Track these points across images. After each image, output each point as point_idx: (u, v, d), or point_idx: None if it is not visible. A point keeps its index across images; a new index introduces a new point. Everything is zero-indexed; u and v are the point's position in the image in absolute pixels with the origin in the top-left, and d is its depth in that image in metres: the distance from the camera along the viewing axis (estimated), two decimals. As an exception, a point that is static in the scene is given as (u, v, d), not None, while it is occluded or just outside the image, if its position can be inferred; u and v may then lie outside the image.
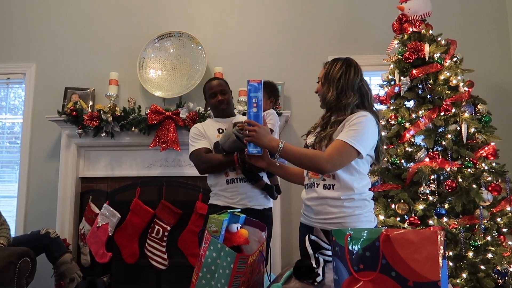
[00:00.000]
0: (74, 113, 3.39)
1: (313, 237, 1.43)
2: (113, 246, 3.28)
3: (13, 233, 3.49)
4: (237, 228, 1.47)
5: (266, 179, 2.24)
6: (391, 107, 2.92)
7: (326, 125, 1.72)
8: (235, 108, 2.95)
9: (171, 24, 3.79)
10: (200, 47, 3.64)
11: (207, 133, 2.30)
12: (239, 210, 1.63)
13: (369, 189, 1.74)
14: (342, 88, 1.69)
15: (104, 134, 3.38)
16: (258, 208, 2.19)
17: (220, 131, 2.29)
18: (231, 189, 2.20)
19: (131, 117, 3.37)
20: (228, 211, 1.51)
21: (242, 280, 1.34)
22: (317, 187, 1.68)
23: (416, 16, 2.98)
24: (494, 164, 2.64)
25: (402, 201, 2.62)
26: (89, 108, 3.56)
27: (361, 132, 1.59)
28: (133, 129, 3.37)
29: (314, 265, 1.33)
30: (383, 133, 2.93)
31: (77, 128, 3.40)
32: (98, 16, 3.88)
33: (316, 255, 1.37)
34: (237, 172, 2.19)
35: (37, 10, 3.93)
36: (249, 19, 3.81)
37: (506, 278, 2.37)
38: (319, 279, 1.31)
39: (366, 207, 1.68)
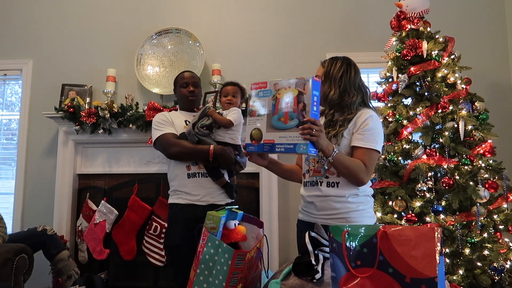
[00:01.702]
0: (71, 109, 3.38)
1: (313, 234, 1.43)
2: (111, 243, 3.28)
3: (10, 230, 3.49)
4: (234, 224, 1.47)
5: (227, 177, 2.21)
6: (389, 104, 2.93)
7: (332, 123, 1.72)
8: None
9: (169, 20, 3.77)
10: (198, 44, 3.63)
11: (174, 122, 2.24)
12: (237, 207, 1.63)
13: (370, 192, 1.78)
14: (344, 87, 1.72)
15: (101, 131, 3.37)
16: (222, 204, 2.12)
17: (187, 122, 2.25)
18: (192, 184, 2.13)
19: (128, 113, 3.36)
20: (226, 207, 1.51)
21: (240, 276, 1.34)
22: (320, 185, 1.70)
23: (414, 13, 2.98)
24: (491, 162, 2.65)
25: (400, 198, 2.63)
26: (87, 104, 3.54)
27: (376, 133, 1.66)
28: (130, 126, 3.36)
29: (314, 262, 1.33)
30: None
31: (74, 124, 3.39)
32: (95, 12, 3.86)
33: (316, 252, 1.38)
34: (199, 167, 2.15)
35: (34, 7, 3.90)
36: (247, 16, 3.80)
37: (502, 274, 2.39)
38: (318, 276, 1.31)
39: (369, 203, 1.74)
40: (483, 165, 2.61)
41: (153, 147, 2.30)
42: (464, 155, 2.63)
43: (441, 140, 2.67)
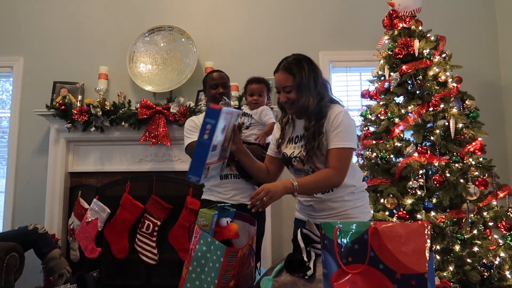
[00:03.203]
0: (63, 107, 3.35)
1: (305, 231, 1.44)
2: (103, 241, 3.26)
3: (0, 229, 3.46)
4: (227, 222, 1.48)
5: None
6: (381, 103, 2.95)
7: (314, 134, 1.64)
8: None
9: (162, 18, 3.75)
10: (191, 42, 3.62)
11: None
12: (229, 204, 1.63)
13: (364, 186, 1.81)
14: (319, 93, 1.65)
15: (93, 128, 3.35)
16: None
17: None
18: (224, 185, 2.19)
19: (121, 111, 3.34)
20: (218, 205, 1.52)
21: (232, 273, 1.34)
22: (315, 194, 1.71)
23: (406, 12, 3.00)
24: (481, 159, 2.68)
25: (391, 195, 2.65)
26: (78, 102, 3.52)
27: (347, 130, 1.62)
28: (123, 123, 3.34)
29: (306, 259, 1.34)
30: (372, 128, 2.97)
31: (66, 122, 3.37)
32: (87, 9, 3.83)
33: (308, 249, 1.39)
34: (231, 168, 2.18)
35: (25, 3, 3.86)
36: (240, 13, 3.80)
37: (492, 271, 2.42)
38: (310, 272, 1.32)
39: (365, 198, 1.77)
40: (473, 162, 2.64)
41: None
42: (454, 153, 2.66)
43: (432, 138, 2.70)
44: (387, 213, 2.66)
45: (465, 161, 2.64)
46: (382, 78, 3.00)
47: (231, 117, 1.56)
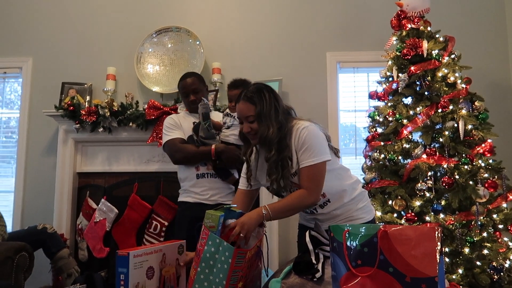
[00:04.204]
0: (71, 108, 3.37)
1: (313, 233, 1.44)
2: (111, 241, 3.28)
3: (10, 228, 3.49)
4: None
5: (237, 176, 2.22)
6: (389, 104, 2.93)
7: (277, 165, 1.58)
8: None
9: (169, 19, 3.77)
10: (198, 42, 3.63)
11: (182, 125, 2.29)
12: (235, 206, 1.63)
13: (360, 184, 1.80)
14: (279, 121, 1.59)
15: (101, 129, 3.36)
16: (230, 203, 2.16)
17: (195, 124, 2.29)
18: (201, 185, 2.19)
19: (128, 112, 3.36)
20: (224, 206, 1.52)
21: (240, 275, 1.34)
22: (316, 211, 1.71)
23: (415, 12, 2.98)
24: (490, 161, 2.66)
25: (399, 197, 2.63)
26: (87, 103, 3.54)
27: (312, 145, 1.56)
28: (130, 124, 3.36)
29: (314, 261, 1.34)
30: (380, 130, 2.95)
31: (74, 123, 3.39)
32: (95, 10, 3.85)
33: (316, 251, 1.38)
34: (207, 167, 2.18)
35: (34, 4, 3.89)
36: (247, 14, 3.80)
37: (502, 274, 2.39)
38: (318, 275, 1.32)
39: (364, 197, 1.77)
40: (482, 164, 2.62)
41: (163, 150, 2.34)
42: (464, 155, 2.63)
43: (441, 140, 2.68)
44: (395, 215, 2.64)
45: (474, 163, 2.61)
46: (390, 79, 2.98)
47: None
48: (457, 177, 2.57)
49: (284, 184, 1.59)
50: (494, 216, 2.58)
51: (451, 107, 2.71)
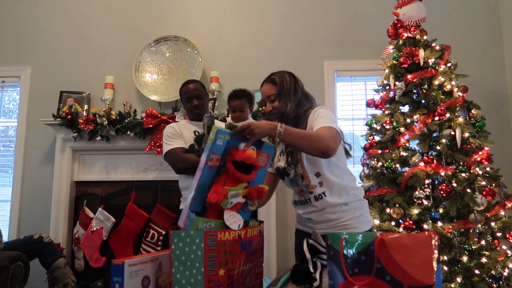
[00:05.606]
0: (69, 116, 3.38)
1: (311, 241, 1.43)
2: (108, 251, 3.26)
3: (6, 238, 3.47)
4: (245, 147, 1.33)
5: None
6: (386, 112, 2.94)
7: None
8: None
9: (168, 28, 3.79)
10: (196, 51, 3.65)
11: (183, 134, 2.27)
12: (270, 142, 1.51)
13: (362, 193, 1.78)
14: (298, 99, 1.71)
15: (99, 138, 3.37)
16: None
17: (196, 133, 2.28)
18: None
19: (126, 121, 3.36)
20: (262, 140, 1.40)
21: (218, 260, 1.28)
22: (310, 202, 1.71)
23: (411, 21, 3.01)
24: (488, 169, 2.66)
25: (397, 205, 2.63)
26: (84, 111, 3.55)
27: (328, 117, 1.62)
28: (128, 133, 3.36)
29: (312, 270, 1.33)
30: (377, 138, 2.95)
31: (72, 131, 3.39)
32: (94, 19, 3.88)
33: (314, 260, 1.38)
34: None
35: (33, 14, 3.92)
36: (245, 23, 3.83)
37: (500, 282, 2.38)
38: (316, 283, 1.31)
39: (363, 207, 1.75)
40: (480, 172, 2.62)
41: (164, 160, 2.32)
42: (461, 163, 2.64)
43: (438, 148, 2.68)
44: (393, 223, 2.64)
45: (471, 171, 2.62)
46: (387, 87, 3.00)
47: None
48: (454, 185, 2.57)
49: (295, 158, 1.62)
50: (492, 224, 2.58)
51: (448, 115, 2.72)
